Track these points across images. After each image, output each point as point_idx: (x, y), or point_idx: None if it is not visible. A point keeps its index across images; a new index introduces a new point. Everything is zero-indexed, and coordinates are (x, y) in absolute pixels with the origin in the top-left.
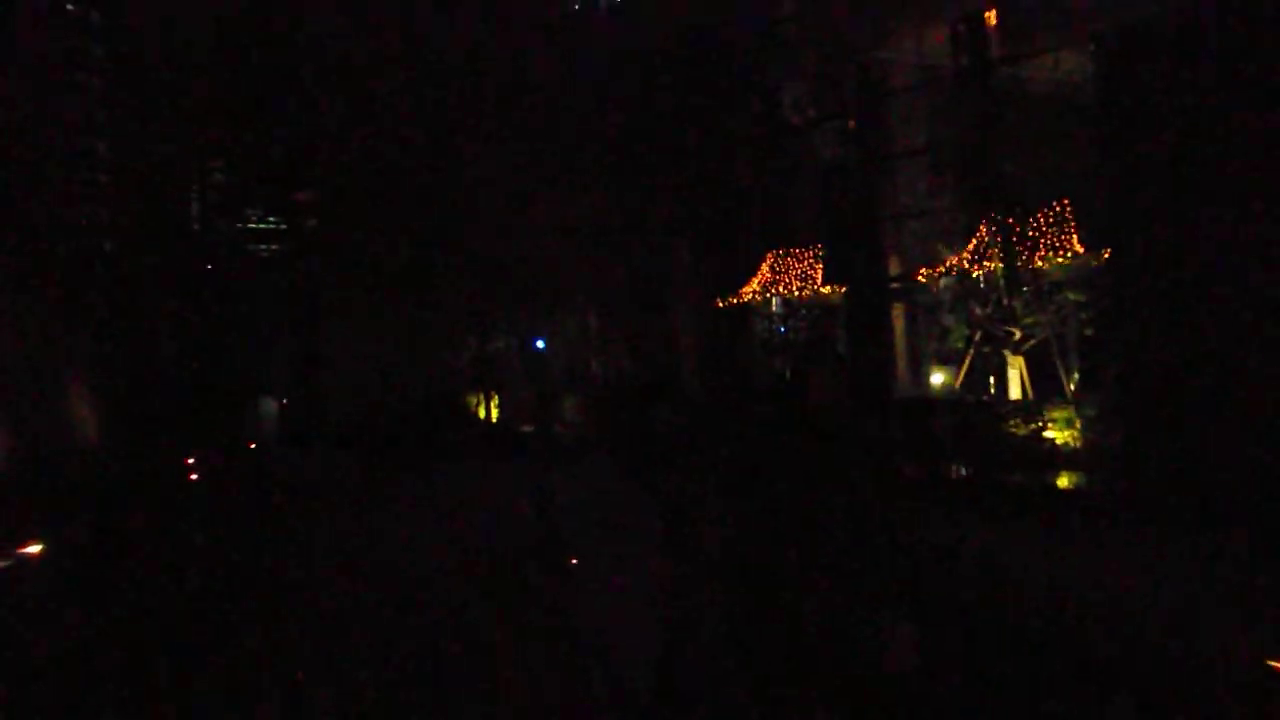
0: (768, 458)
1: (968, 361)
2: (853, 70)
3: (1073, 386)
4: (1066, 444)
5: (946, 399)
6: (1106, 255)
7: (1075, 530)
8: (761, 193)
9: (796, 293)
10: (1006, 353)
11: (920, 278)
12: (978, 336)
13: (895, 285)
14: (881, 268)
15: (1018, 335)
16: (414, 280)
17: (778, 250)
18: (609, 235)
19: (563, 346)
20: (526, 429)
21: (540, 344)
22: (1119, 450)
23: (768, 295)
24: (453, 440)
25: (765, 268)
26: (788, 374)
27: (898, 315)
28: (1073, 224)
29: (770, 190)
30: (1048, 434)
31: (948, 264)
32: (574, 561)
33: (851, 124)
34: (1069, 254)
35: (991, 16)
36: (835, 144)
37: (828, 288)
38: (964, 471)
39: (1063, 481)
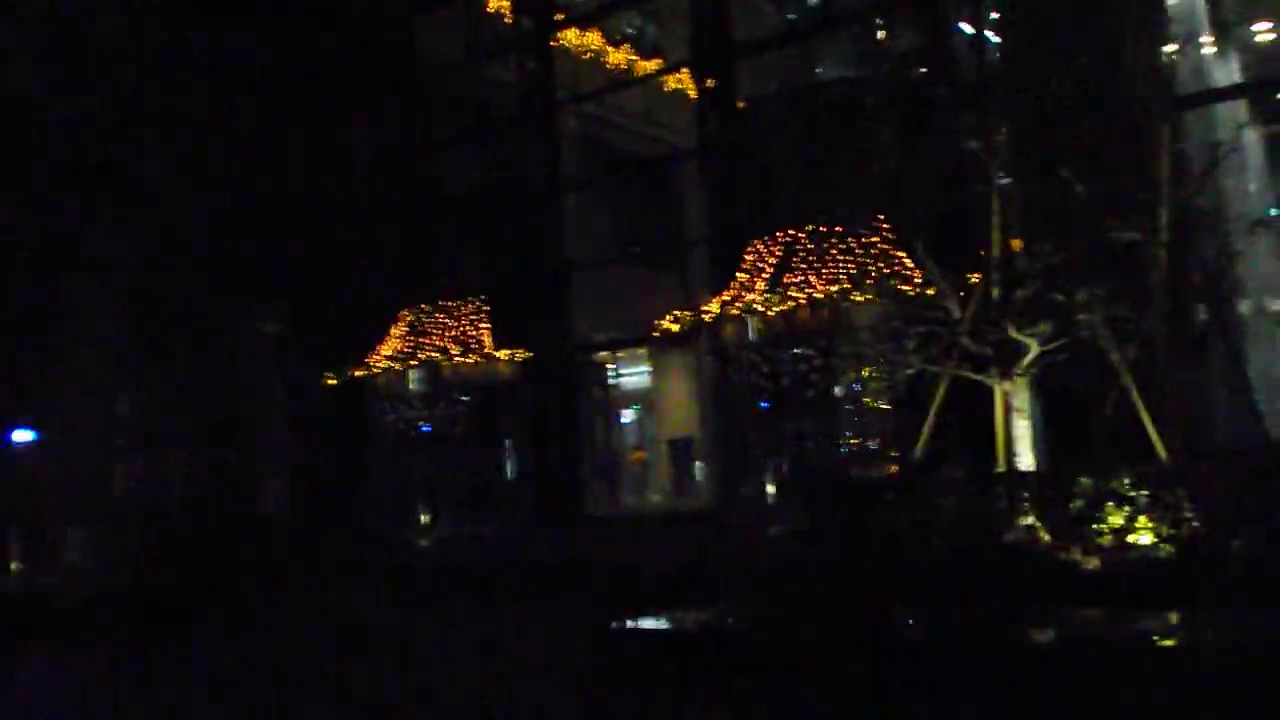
0: None
1: (935, 408)
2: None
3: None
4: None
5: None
6: None
7: None
8: (384, 224)
9: (456, 360)
10: (998, 384)
11: (669, 325)
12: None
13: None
14: (570, 325)
15: (1033, 349)
16: None
17: (420, 304)
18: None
19: (70, 447)
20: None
21: (25, 435)
22: None
23: (407, 367)
24: None
25: (400, 329)
26: None
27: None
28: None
29: (398, 221)
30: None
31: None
32: None
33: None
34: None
35: None
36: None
37: (504, 353)
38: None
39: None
